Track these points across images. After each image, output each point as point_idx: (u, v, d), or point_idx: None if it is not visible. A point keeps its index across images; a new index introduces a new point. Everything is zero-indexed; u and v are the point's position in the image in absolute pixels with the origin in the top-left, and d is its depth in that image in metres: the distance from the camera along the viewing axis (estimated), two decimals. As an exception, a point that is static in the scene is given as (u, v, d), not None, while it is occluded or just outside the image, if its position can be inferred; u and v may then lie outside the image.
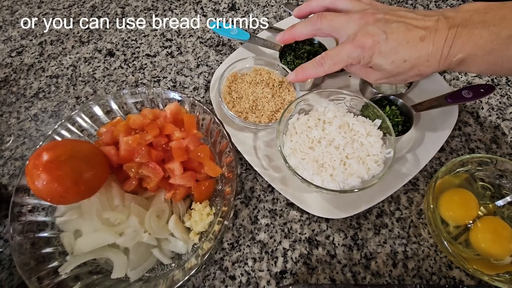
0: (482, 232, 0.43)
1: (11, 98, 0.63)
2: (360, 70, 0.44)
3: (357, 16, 0.41)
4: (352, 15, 0.41)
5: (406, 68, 0.39)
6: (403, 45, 0.38)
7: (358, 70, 0.45)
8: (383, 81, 0.43)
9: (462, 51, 0.36)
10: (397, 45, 0.38)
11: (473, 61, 0.36)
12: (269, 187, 0.51)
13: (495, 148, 0.54)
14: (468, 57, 0.36)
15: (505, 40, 0.33)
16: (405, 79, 0.42)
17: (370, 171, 0.43)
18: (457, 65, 0.38)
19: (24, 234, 0.39)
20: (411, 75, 0.41)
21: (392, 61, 0.39)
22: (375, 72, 0.43)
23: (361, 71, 0.45)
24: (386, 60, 0.39)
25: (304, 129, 0.47)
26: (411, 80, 0.43)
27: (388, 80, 0.43)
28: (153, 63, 0.66)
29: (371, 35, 0.39)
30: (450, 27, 0.36)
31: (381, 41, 0.38)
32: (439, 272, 0.44)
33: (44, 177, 0.36)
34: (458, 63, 0.37)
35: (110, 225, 0.42)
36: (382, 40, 0.38)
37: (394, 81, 0.43)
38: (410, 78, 0.42)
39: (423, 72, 0.39)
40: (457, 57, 0.36)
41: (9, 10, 0.77)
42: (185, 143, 0.44)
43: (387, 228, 0.48)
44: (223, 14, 0.73)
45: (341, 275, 0.45)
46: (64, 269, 0.38)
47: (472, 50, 0.35)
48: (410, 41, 0.37)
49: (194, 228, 0.44)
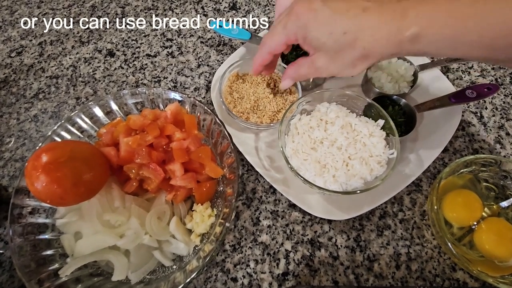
0: (486, 234, 0.42)
1: (11, 99, 0.63)
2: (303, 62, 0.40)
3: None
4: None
5: (348, 43, 0.34)
6: (342, 14, 0.33)
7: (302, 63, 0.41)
8: (330, 68, 0.38)
9: (416, 23, 0.31)
10: (334, 13, 0.34)
11: (429, 36, 0.31)
12: (271, 188, 0.51)
13: (499, 149, 0.53)
14: (423, 31, 0.31)
15: (465, 10, 0.29)
16: (352, 61, 0.36)
17: (373, 172, 0.43)
18: (411, 43, 0.32)
19: (24, 236, 0.39)
20: (357, 55, 0.35)
21: (331, 32, 0.34)
22: (317, 55, 0.38)
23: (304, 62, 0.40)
24: (323, 30, 0.34)
25: (306, 130, 0.46)
26: (360, 65, 0.36)
27: (335, 65, 0.37)
28: (153, 63, 0.66)
29: (307, 2, 0.35)
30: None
31: (317, 8, 0.34)
32: (442, 274, 0.44)
33: (44, 179, 0.35)
34: (412, 39, 0.32)
35: (111, 227, 0.42)
36: (318, 7, 0.34)
37: (341, 65, 0.37)
38: (358, 61, 0.35)
39: (369, 50, 0.34)
40: (411, 31, 0.31)
41: (8, 10, 0.77)
42: (186, 144, 0.44)
43: (390, 230, 0.47)
44: (223, 13, 0.73)
45: (344, 277, 0.44)
46: (65, 272, 0.38)
47: (428, 23, 0.31)
48: (351, 10, 0.33)
49: (195, 230, 0.44)
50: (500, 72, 0.62)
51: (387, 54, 0.34)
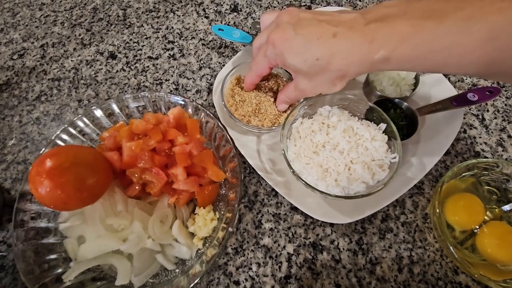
0: (488, 237, 0.42)
1: (13, 102, 0.63)
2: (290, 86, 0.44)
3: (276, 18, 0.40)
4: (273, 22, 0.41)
5: (322, 67, 0.36)
6: (313, 41, 0.35)
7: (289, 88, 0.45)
8: (313, 88, 0.41)
9: (384, 47, 0.32)
10: (306, 41, 0.36)
11: (399, 57, 0.32)
12: (273, 191, 0.51)
13: (501, 151, 0.53)
14: (392, 53, 0.32)
15: (430, 31, 0.30)
16: (331, 81, 0.38)
17: (375, 176, 0.43)
18: (382, 63, 0.34)
19: (27, 242, 0.39)
20: (334, 76, 0.37)
21: (305, 60, 0.37)
22: (297, 78, 0.41)
23: (291, 87, 0.44)
24: (298, 58, 0.37)
25: (308, 133, 0.46)
26: (339, 83, 0.39)
27: (316, 86, 0.40)
28: (155, 65, 0.66)
29: (281, 31, 0.37)
30: (368, 23, 0.33)
31: (290, 38, 0.36)
32: (445, 278, 0.44)
33: (47, 184, 0.36)
34: (383, 61, 0.33)
35: (114, 231, 0.42)
36: (291, 37, 0.36)
37: (322, 85, 0.39)
38: (336, 80, 0.38)
39: (345, 72, 0.36)
40: (380, 54, 0.33)
41: (10, 12, 0.77)
42: (189, 148, 0.44)
43: (392, 233, 0.47)
44: (225, 15, 0.73)
45: (346, 280, 0.44)
46: (68, 276, 0.38)
47: (395, 45, 0.32)
48: (321, 38, 0.35)
49: (198, 233, 0.44)
50: (502, 75, 0.61)
51: (363, 71, 0.37)
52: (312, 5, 0.74)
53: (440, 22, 0.30)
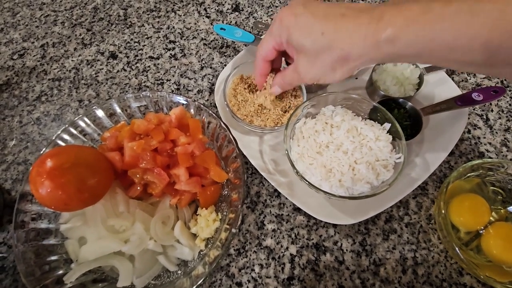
0: (494, 238, 0.42)
1: (13, 102, 0.62)
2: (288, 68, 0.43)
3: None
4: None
5: (326, 44, 0.35)
6: (321, 18, 0.35)
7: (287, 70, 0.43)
8: (311, 71, 0.39)
9: (391, 24, 0.32)
10: (314, 17, 0.36)
11: (406, 38, 0.31)
12: (276, 192, 0.51)
13: (505, 152, 0.53)
14: (399, 32, 0.31)
15: (439, 11, 0.30)
16: (331, 64, 0.37)
17: (380, 176, 0.43)
18: (388, 45, 0.32)
19: (28, 243, 0.39)
20: (336, 57, 0.36)
21: (309, 33, 0.36)
22: (298, 59, 0.39)
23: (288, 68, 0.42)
24: (303, 32, 0.37)
25: (311, 134, 0.46)
26: (340, 69, 0.37)
27: (315, 69, 0.38)
28: (156, 65, 0.66)
29: (290, 8, 0.38)
30: (377, 6, 0.34)
31: (298, 13, 0.37)
32: (449, 279, 0.44)
33: (48, 185, 0.35)
34: (389, 41, 0.32)
35: (115, 232, 0.41)
36: (299, 12, 0.37)
37: (321, 69, 0.38)
38: (337, 64, 0.36)
39: (347, 52, 0.35)
40: (387, 33, 0.32)
41: (10, 12, 0.77)
42: (191, 149, 0.43)
43: (396, 234, 0.47)
44: (226, 15, 0.72)
45: (350, 281, 0.44)
46: (69, 278, 0.37)
47: (403, 24, 0.31)
48: (329, 15, 0.35)
49: (200, 234, 0.44)
50: (506, 74, 0.61)
51: (366, 56, 0.35)
52: None
53: (450, 2, 0.29)
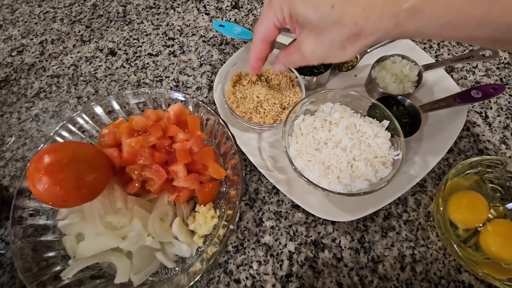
0: (492, 236, 0.42)
1: (11, 98, 0.62)
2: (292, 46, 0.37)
3: None
4: None
5: (336, 18, 0.30)
6: None
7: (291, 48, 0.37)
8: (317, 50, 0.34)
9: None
10: None
11: (431, 9, 0.27)
12: (274, 189, 0.50)
13: (504, 149, 0.53)
14: (425, 3, 0.27)
15: None
16: (341, 41, 0.32)
17: (378, 173, 0.43)
18: (409, 17, 0.28)
19: (25, 239, 0.39)
20: (347, 33, 0.31)
21: (317, 7, 0.31)
22: (303, 35, 0.34)
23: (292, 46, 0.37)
24: (311, 6, 0.31)
25: (310, 130, 0.46)
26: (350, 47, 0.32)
27: (322, 47, 0.33)
28: (155, 62, 0.66)
29: None
30: None
31: None
32: (448, 276, 0.44)
33: (46, 181, 0.35)
34: (411, 13, 0.28)
35: (113, 229, 0.41)
36: None
37: (329, 47, 0.33)
38: (347, 42, 0.31)
39: (361, 26, 0.30)
40: (409, 3, 0.27)
41: (9, 8, 0.76)
42: (189, 145, 0.43)
43: (394, 231, 0.47)
44: (226, 12, 0.72)
45: (348, 278, 0.44)
46: (67, 274, 0.37)
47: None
48: None
49: (198, 231, 0.43)
50: (505, 72, 0.61)
51: (382, 31, 0.30)
52: None
53: None
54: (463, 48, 0.65)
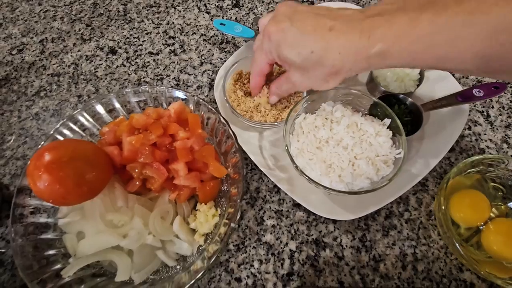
0: (494, 234, 0.42)
1: (12, 97, 0.62)
2: (282, 78, 0.43)
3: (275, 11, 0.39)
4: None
5: (316, 60, 0.35)
6: (309, 33, 0.35)
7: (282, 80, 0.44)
8: (304, 83, 0.40)
9: (382, 40, 0.31)
10: (301, 33, 0.35)
11: (396, 51, 0.31)
12: (275, 188, 0.50)
13: (506, 148, 0.53)
14: (390, 47, 0.31)
15: (427, 24, 0.29)
16: (323, 77, 0.37)
17: (380, 172, 0.42)
18: (378, 59, 0.33)
19: (26, 236, 0.39)
20: (327, 72, 0.36)
21: (299, 52, 0.36)
22: (291, 71, 0.40)
23: (283, 78, 0.43)
24: (293, 50, 0.36)
25: (311, 129, 0.46)
26: (332, 80, 0.37)
27: (309, 81, 0.39)
28: (155, 61, 0.65)
29: (276, 22, 0.37)
30: (366, 17, 0.33)
31: (285, 29, 0.36)
32: (449, 275, 0.43)
33: (46, 178, 0.35)
34: (379, 55, 0.32)
35: (114, 227, 0.41)
36: (286, 28, 0.36)
37: (314, 81, 0.39)
38: (329, 77, 0.37)
39: (338, 67, 0.35)
40: (377, 48, 0.32)
41: (9, 7, 0.76)
42: (190, 143, 0.43)
43: (396, 230, 0.47)
44: (226, 11, 0.72)
45: (349, 277, 0.44)
46: (67, 272, 0.37)
47: (393, 38, 0.31)
48: (317, 30, 0.34)
49: (199, 230, 0.43)
50: (507, 71, 0.61)
51: (357, 69, 0.35)
52: (315, 1, 0.73)
53: (439, 14, 0.29)
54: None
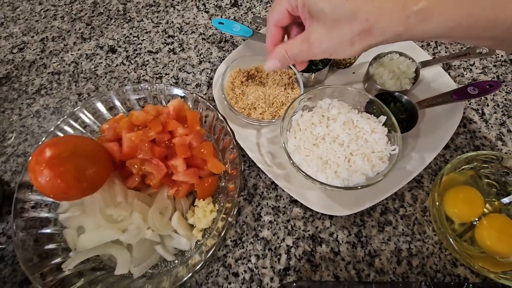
0: (487, 230, 0.42)
1: (13, 95, 0.63)
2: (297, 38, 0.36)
3: None
4: None
5: (349, 12, 0.30)
6: None
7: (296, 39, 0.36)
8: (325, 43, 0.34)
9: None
10: None
11: (440, 14, 0.28)
12: (272, 184, 0.51)
13: (501, 146, 0.53)
14: (434, 7, 0.28)
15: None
16: (351, 36, 0.32)
17: (375, 168, 0.43)
18: (419, 20, 0.29)
19: (27, 230, 0.39)
20: (358, 29, 0.31)
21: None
22: (313, 26, 0.34)
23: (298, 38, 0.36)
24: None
25: (308, 126, 0.46)
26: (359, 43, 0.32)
27: (331, 41, 0.33)
28: (155, 59, 0.66)
29: None
30: None
31: None
32: (443, 270, 0.44)
33: (47, 173, 0.36)
34: (420, 15, 0.28)
35: (113, 222, 0.42)
36: None
37: (338, 42, 0.33)
38: (357, 37, 0.32)
39: (372, 24, 0.30)
40: (420, 5, 0.28)
41: (10, 6, 0.77)
42: (188, 140, 0.44)
43: (391, 226, 0.47)
44: (225, 10, 0.73)
45: (345, 272, 0.44)
46: (68, 266, 0.38)
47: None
48: None
49: (197, 225, 0.44)
50: (502, 69, 0.62)
51: (392, 32, 0.30)
52: None
53: None
54: (460, 46, 0.65)
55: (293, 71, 0.54)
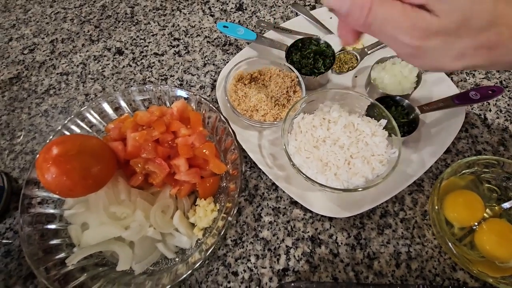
0: (487, 234, 0.42)
1: (22, 94, 0.65)
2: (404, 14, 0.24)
3: None
4: None
5: (488, 21, 0.23)
6: None
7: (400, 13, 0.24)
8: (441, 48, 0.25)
9: None
10: None
11: None
12: (273, 185, 0.52)
13: (503, 151, 0.53)
14: None
15: None
16: (473, 46, 0.24)
17: (375, 170, 0.43)
18: None
19: (33, 225, 0.41)
20: (484, 39, 0.24)
21: (481, 2, 0.23)
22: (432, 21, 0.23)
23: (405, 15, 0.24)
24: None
25: (309, 128, 0.47)
26: (470, 57, 0.25)
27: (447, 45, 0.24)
28: (160, 61, 0.67)
29: None
30: None
31: None
32: (442, 274, 0.44)
33: (54, 171, 0.37)
34: None
35: (116, 219, 0.43)
36: None
37: (442, 50, 0.24)
38: (473, 50, 0.24)
39: (503, 40, 0.23)
40: None
41: (22, 9, 0.79)
42: (191, 140, 0.45)
43: (390, 229, 0.48)
44: (230, 14, 0.74)
45: (344, 274, 0.45)
46: (71, 261, 0.39)
47: None
48: None
49: (198, 224, 0.45)
50: (505, 75, 0.61)
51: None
52: (316, 5, 0.74)
53: None
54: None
55: (296, 74, 0.55)
